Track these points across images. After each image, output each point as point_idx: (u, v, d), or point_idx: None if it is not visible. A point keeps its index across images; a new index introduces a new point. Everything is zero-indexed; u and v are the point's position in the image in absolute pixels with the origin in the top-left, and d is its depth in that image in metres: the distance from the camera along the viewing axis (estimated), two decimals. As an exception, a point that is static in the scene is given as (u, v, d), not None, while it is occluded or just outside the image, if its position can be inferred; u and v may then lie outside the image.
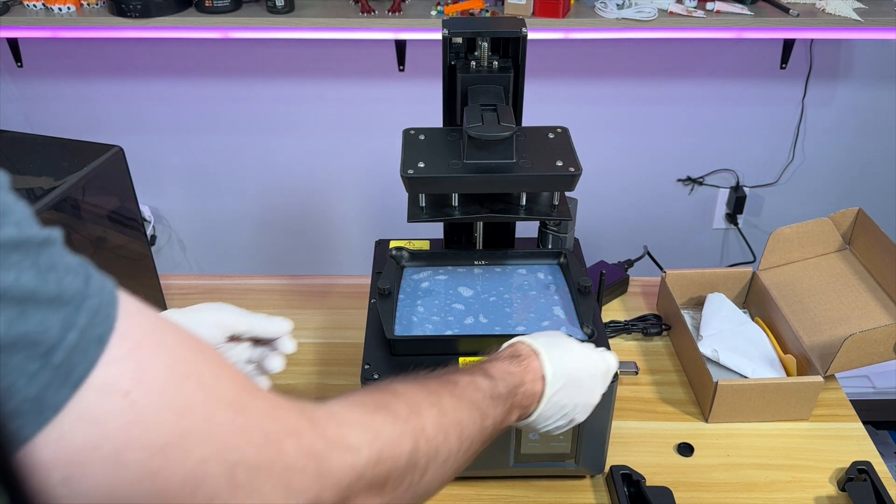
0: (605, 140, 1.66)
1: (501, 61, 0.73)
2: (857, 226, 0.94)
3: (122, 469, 0.27)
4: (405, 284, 0.74)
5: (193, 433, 0.29)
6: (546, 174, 0.67)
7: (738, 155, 1.70)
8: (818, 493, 0.72)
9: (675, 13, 1.38)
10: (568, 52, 1.56)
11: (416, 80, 1.57)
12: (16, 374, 0.24)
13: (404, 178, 0.68)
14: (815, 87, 1.61)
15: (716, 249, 1.84)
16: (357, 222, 1.80)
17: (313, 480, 0.33)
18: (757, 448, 0.77)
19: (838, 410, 0.82)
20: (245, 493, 0.30)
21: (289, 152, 1.70)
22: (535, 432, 0.56)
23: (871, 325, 0.78)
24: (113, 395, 0.26)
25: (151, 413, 0.27)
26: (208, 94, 1.62)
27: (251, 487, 0.30)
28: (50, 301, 0.25)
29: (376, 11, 1.39)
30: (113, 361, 0.27)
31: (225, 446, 0.30)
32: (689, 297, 0.94)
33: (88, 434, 0.26)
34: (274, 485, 0.31)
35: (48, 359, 0.25)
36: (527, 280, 0.75)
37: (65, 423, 0.25)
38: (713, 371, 0.81)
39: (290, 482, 0.32)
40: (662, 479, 0.73)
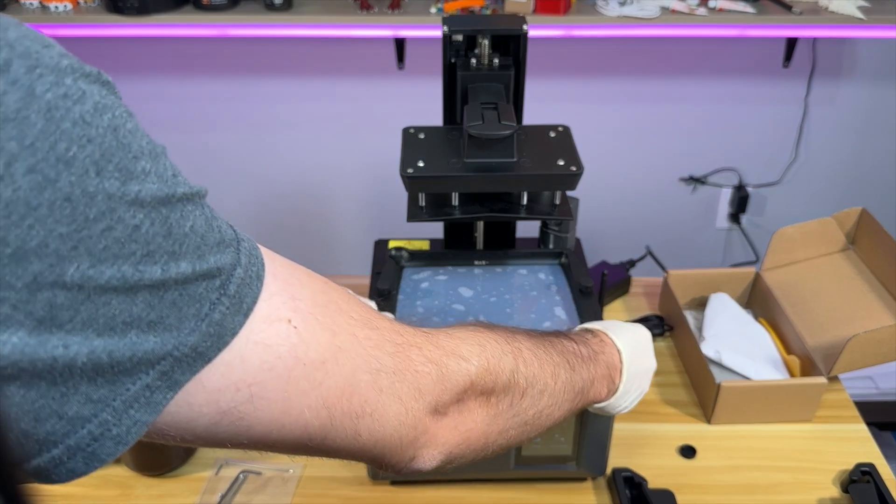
0: (606, 139, 1.65)
1: (502, 59, 0.73)
2: (860, 225, 0.93)
3: (293, 384, 0.31)
4: (405, 285, 0.73)
5: (343, 348, 0.33)
6: (547, 173, 0.67)
7: (740, 154, 1.69)
8: (821, 494, 0.72)
9: (677, 11, 1.37)
10: (569, 50, 1.55)
11: (416, 78, 1.56)
12: (201, 303, 0.28)
13: (404, 178, 0.67)
14: (819, 86, 1.60)
15: (718, 249, 1.84)
16: (356, 221, 1.79)
17: (436, 383, 0.38)
18: (760, 450, 0.77)
19: (842, 412, 0.81)
20: (388, 396, 0.35)
21: (287, 151, 1.69)
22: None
23: (875, 326, 0.77)
24: (277, 323, 0.30)
25: (310, 335, 0.32)
26: (206, 93, 1.61)
27: (392, 391, 0.35)
28: (217, 244, 0.29)
29: (375, 8, 1.38)
30: (272, 295, 0.31)
31: (368, 358, 0.34)
32: (691, 298, 0.93)
33: (264, 356, 0.30)
34: (408, 387, 0.36)
35: (224, 290, 0.28)
36: (528, 280, 0.74)
37: (244, 348, 0.29)
38: (716, 372, 0.80)
39: (419, 385, 0.37)
40: (664, 481, 0.72)
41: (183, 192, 0.27)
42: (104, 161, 0.24)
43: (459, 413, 0.40)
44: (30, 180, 0.22)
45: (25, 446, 0.25)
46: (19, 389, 0.24)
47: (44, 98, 0.22)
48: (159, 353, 0.27)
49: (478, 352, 0.41)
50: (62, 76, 0.23)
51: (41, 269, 0.23)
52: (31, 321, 0.23)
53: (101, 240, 0.24)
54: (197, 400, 0.29)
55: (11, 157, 0.22)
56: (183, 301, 0.27)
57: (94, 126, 0.24)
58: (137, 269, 0.25)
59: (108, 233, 0.24)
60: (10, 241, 0.22)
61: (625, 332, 0.56)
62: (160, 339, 0.26)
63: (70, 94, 0.23)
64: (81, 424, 0.26)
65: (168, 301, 0.26)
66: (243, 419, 0.30)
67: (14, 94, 0.22)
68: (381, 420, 0.35)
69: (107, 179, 0.24)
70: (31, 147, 0.22)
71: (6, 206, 0.22)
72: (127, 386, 0.26)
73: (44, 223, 0.22)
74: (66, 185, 0.23)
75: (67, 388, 0.25)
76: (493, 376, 0.41)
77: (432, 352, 0.38)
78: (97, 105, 0.24)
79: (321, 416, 0.32)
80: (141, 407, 0.27)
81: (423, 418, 0.37)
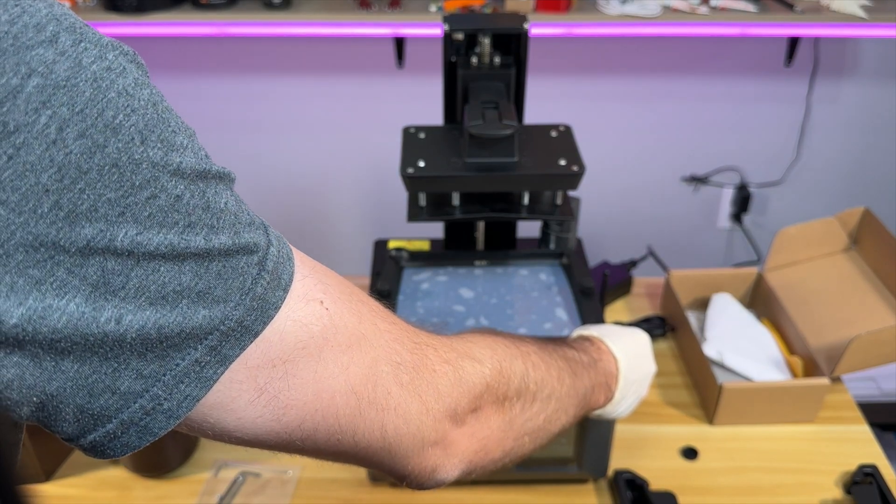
0: (608, 138, 1.65)
1: (503, 58, 0.72)
2: (863, 225, 0.93)
3: (323, 364, 0.31)
4: (405, 286, 0.73)
5: (367, 336, 0.33)
6: (548, 173, 0.66)
7: (742, 153, 1.68)
8: (824, 496, 0.71)
9: (678, 9, 1.37)
10: (570, 49, 1.55)
11: (416, 77, 1.55)
12: (244, 277, 0.28)
13: (404, 177, 0.66)
14: (821, 85, 1.59)
15: (720, 249, 1.83)
16: (356, 221, 1.78)
17: (453, 385, 0.37)
18: (762, 451, 0.76)
19: (844, 413, 0.81)
20: (409, 392, 0.35)
21: (286, 150, 1.68)
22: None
23: (878, 327, 0.77)
24: (312, 302, 0.31)
25: (339, 318, 0.32)
26: (204, 92, 1.61)
27: (412, 387, 0.35)
28: (249, 224, 0.29)
29: (375, 7, 1.38)
30: (306, 276, 0.31)
31: (389, 349, 0.34)
32: (693, 298, 0.93)
33: (299, 334, 0.30)
34: (427, 386, 0.36)
35: (263, 265, 0.29)
36: (528, 281, 0.74)
37: (283, 324, 0.30)
38: (718, 373, 0.80)
39: (438, 385, 0.36)
40: (666, 483, 0.72)
41: (217, 170, 0.28)
42: (147, 131, 0.25)
43: (477, 420, 0.40)
44: (80, 145, 0.23)
45: (81, 421, 0.26)
46: (73, 364, 0.25)
47: (90, 69, 0.23)
48: (207, 327, 0.27)
49: (490, 355, 0.41)
50: (105, 50, 0.24)
51: (93, 234, 0.23)
52: (87, 286, 0.24)
53: (146, 207, 0.25)
54: (238, 376, 0.29)
55: (63, 121, 0.22)
56: (227, 273, 0.27)
57: (136, 98, 0.25)
58: (183, 238, 0.26)
59: (152, 200, 0.25)
60: (63, 204, 0.23)
61: (622, 338, 0.57)
62: (209, 311, 0.27)
63: (113, 68, 0.24)
64: (134, 399, 0.26)
65: (214, 272, 0.27)
66: (279, 398, 0.30)
67: (63, 63, 0.23)
68: (404, 416, 0.35)
69: (150, 148, 0.25)
70: (81, 113, 0.23)
71: (59, 169, 0.22)
72: (177, 361, 0.27)
73: (94, 187, 0.23)
74: (114, 151, 0.24)
75: (119, 362, 0.25)
76: (506, 380, 0.41)
77: (448, 353, 0.38)
78: (137, 80, 0.25)
79: (350, 403, 0.32)
80: (192, 382, 0.27)
81: (444, 421, 0.37)
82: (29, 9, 0.23)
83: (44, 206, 0.22)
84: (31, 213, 0.22)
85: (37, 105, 0.22)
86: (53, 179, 0.22)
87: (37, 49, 0.22)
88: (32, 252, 0.22)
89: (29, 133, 0.22)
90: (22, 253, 0.22)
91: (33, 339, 0.23)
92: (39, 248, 0.22)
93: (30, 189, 0.22)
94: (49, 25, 0.23)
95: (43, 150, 0.22)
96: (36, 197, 0.22)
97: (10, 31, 0.22)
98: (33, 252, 0.22)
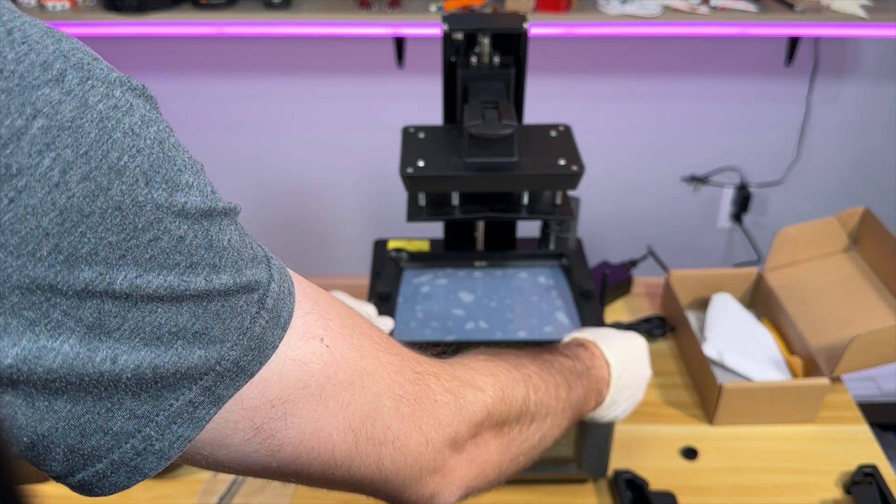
0: (608, 138, 1.65)
1: (503, 57, 0.72)
2: (863, 225, 0.93)
3: (323, 404, 0.31)
4: (405, 288, 0.73)
5: (369, 371, 0.33)
6: (548, 173, 0.66)
7: (742, 153, 1.68)
8: (824, 496, 0.71)
9: (678, 9, 1.37)
10: (570, 49, 1.54)
11: (416, 77, 1.55)
12: (242, 316, 0.28)
13: (404, 177, 0.66)
14: (821, 85, 1.59)
15: (720, 249, 1.83)
16: (355, 221, 1.78)
17: (454, 415, 0.37)
18: (762, 451, 0.76)
19: (844, 413, 0.80)
20: (409, 424, 0.35)
21: (286, 150, 1.68)
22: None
23: (878, 327, 0.77)
24: (312, 340, 0.31)
25: (340, 355, 0.32)
26: (204, 92, 1.61)
27: (412, 419, 0.35)
28: (251, 259, 0.29)
29: (375, 6, 1.38)
30: (307, 313, 0.31)
31: (391, 383, 0.34)
32: (693, 298, 0.93)
33: (299, 374, 0.30)
34: (428, 417, 0.36)
35: (263, 304, 0.29)
36: (528, 284, 0.74)
37: (281, 364, 0.29)
38: (717, 373, 0.80)
39: (438, 415, 0.36)
40: (666, 483, 0.72)
41: (222, 206, 0.28)
42: (152, 172, 0.24)
43: (476, 446, 0.40)
44: (83, 188, 0.22)
45: (70, 461, 0.26)
46: (66, 404, 0.24)
47: (96, 108, 0.23)
48: (202, 367, 0.27)
49: (492, 382, 0.41)
50: (112, 88, 0.24)
51: (92, 277, 0.23)
52: (82, 328, 0.23)
53: (147, 249, 0.24)
54: (234, 416, 0.28)
55: (67, 164, 0.22)
56: (226, 313, 0.27)
57: (142, 137, 0.24)
58: (183, 280, 0.25)
59: (154, 243, 0.24)
60: (63, 247, 0.22)
61: (617, 343, 0.57)
62: (204, 352, 0.27)
63: (120, 106, 0.24)
64: (125, 439, 0.26)
65: (212, 312, 0.27)
66: (275, 437, 0.30)
67: (69, 103, 0.22)
68: (402, 449, 0.35)
69: (155, 190, 0.24)
70: (85, 155, 0.22)
71: (60, 213, 0.22)
72: (170, 402, 0.26)
73: (95, 231, 0.23)
74: (117, 194, 0.23)
75: (112, 402, 0.25)
76: (507, 406, 0.42)
77: (450, 382, 0.38)
78: (144, 118, 0.25)
79: (348, 440, 0.32)
80: (184, 422, 0.27)
81: (443, 450, 0.37)
82: (36, 46, 0.22)
83: (43, 249, 0.22)
84: (29, 256, 0.22)
85: (41, 147, 0.21)
86: (54, 223, 0.22)
87: (43, 89, 0.22)
88: (28, 294, 0.22)
89: (31, 176, 0.21)
90: (18, 295, 0.22)
91: (27, 379, 0.23)
92: (36, 290, 0.22)
93: (30, 232, 0.22)
94: (56, 63, 0.22)
95: (45, 194, 0.22)
96: (35, 240, 0.22)
97: (16, 70, 0.21)
98: (29, 294, 0.22)
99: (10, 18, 0.22)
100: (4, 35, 0.22)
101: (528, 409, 0.43)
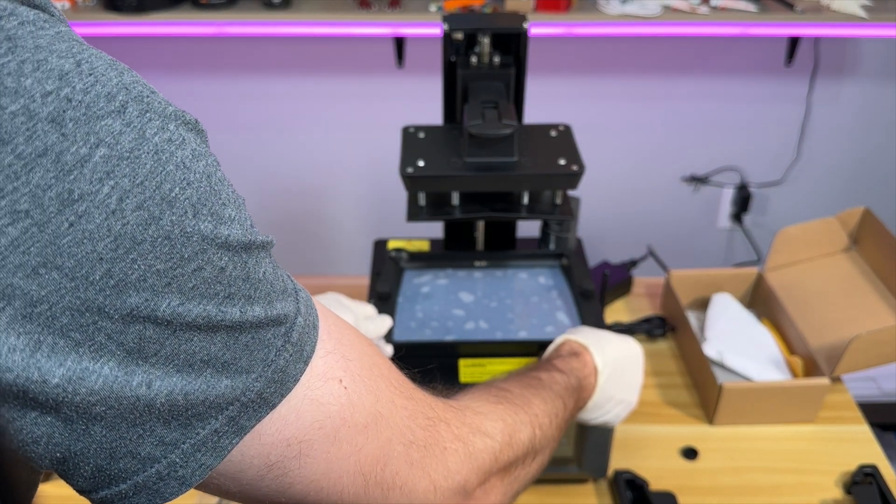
0: (608, 138, 1.65)
1: (502, 57, 0.72)
2: (863, 225, 0.93)
3: (337, 446, 0.31)
4: (405, 288, 0.73)
5: (383, 415, 0.33)
6: (548, 172, 0.66)
7: (742, 153, 1.68)
8: (824, 496, 0.71)
9: (678, 9, 1.37)
10: (570, 48, 1.54)
11: (416, 77, 1.55)
12: (269, 349, 0.28)
13: (404, 177, 0.66)
14: (821, 85, 1.59)
15: (720, 249, 1.83)
16: (355, 221, 1.78)
17: (463, 462, 0.37)
18: (762, 451, 0.76)
19: (844, 413, 0.80)
20: (418, 470, 0.35)
21: (286, 150, 1.68)
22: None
23: (878, 327, 0.77)
24: (331, 381, 0.31)
25: (358, 398, 0.32)
26: (203, 92, 1.61)
27: (422, 465, 0.35)
28: (282, 292, 0.29)
29: (375, 6, 1.38)
30: (328, 353, 0.31)
31: (402, 428, 0.34)
32: (693, 298, 0.93)
33: (316, 414, 0.30)
34: (436, 464, 0.36)
35: (288, 337, 0.29)
36: (528, 284, 0.74)
37: (300, 403, 0.30)
38: (718, 373, 0.80)
39: (447, 463, 0.36)
40: (666, 483, 0.72)
41: (260, 240, 0.29)
42: (200, 204, 0.25)
43: (484, 493, 0.40)
44: (137, 216, 0.23)
45: (97, 479, 0.27)
46: (102, 429, 0.25)
47: (153, 140, 0.24)
48: (229, 396, 0.27)
49: (501, 427, 0.42)
50: (167, 122, 0.25)
51: (138, 303, 0.24)
52: (122, 352, 0.24)
53: (191, 279, 0.25)
54: (250, 451, 0.29)
55: (124, 192, 0.23)
56: (255, 344, 0.28)
57: (192, 171, 0.25)
58: (220, 310, 0.26)
59: (198, 272, 0.25)
60: (114, 273, 0.23)
61: (610, 349, 0.58)
62: (231, 381, 0.27)
63: (174, 139, 0.25)
64: (151, 464, 0.27)
65: (242, 343, 0.27)
66: (287, 475, 0.30)
67: (129, 134, 0.23)
68: (410, 494, 0.35)
69: (202, 222, 0.25)
70: (141, 185, 0.23)
71: (115, 239, 0.23)
72: (198, 430, 0.27)
73: (145, 258, 0.24)
74: (167, 224, 0.24)
75: (144, 429, 0.26)
76: (514, 450, 0.42)
77: (460, 429, 0.39)
78: (195, 152, 0.26)
79: (356, 483, 0.33)
80: (208, 451, 0.28)
81: (452, 497, 0.37)
82: (101, 78, 0.23)
83: (96, 273, 0.23)
84: (83, 279, 0.23)
85: (101, 175, 0.22)
86: (109, 248, 0.23)
87: (106, 119, 0.23)
88: (77, 316, 0.23)
89: (91, 202, 0.22)
90: (68, 316, 0.23)
91: (71, 401, 0.24)
92: (85, 312, 0.23)
93: (85, 256, 0.22)
94: (119, 95, 0.23)
95: (102, 220, 0.23)
96: (90, 264, 0.23)
97: (83, 100, 0.23)
98: (78, 316, 0.23)
99: (79, 51, 0.23)
100: (73, 67, 0.23)
101: (532, 448, 0.44)
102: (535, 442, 0.45)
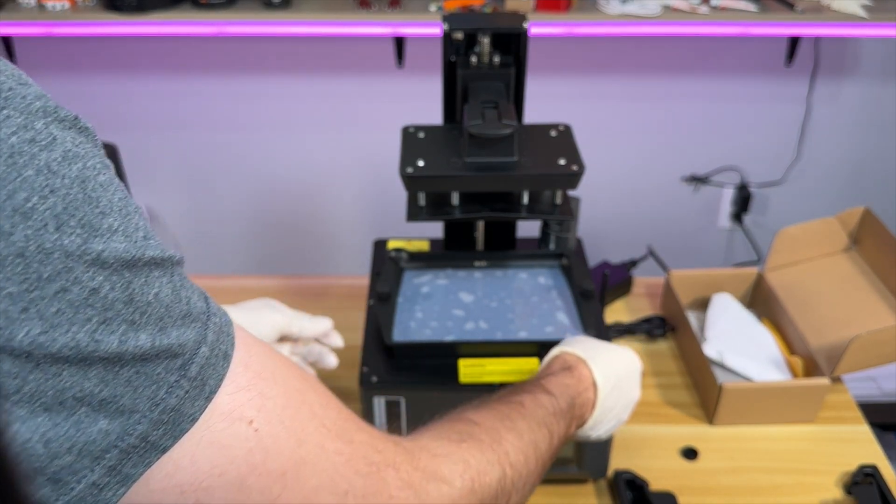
0: (608, 138, 1.65)
1: (502, 57, 0.72)
2: (863, 225, 0.93)
3: (245, 495, 0.27)
4: (405, 288, 0.73)
5: (308, 462, 0.29)
6: (548, 172, 0.66)
7: (743, 153, 1.68)
8: (824, 496, 0.71)
9: (678, 9, 1.37)
10: (570, 48, 1.54)
11: (416, 77, 1.55)
12: (158, 385, 0.25)
13: (403, 177, 0.66)
14: (822, 85, 1.59)
15: (721, 249, 1.83)
16: (355, 221, 1.78)
17: None
18: (762, 451, 0.76)
19: (844, 413, 0.80)
20: None
21: (286, 150, 1.68)
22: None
23: (878, 327, 0.77)
24: (238, 422, 0.27)
25: (272, 441, 0.28)
26: (203, 91, 1.61)
27: None
28: (182, 317, 0.26)
29: (375, 6, 1.38)
30: (240, 389, 0.28)
31: (336, 476, 0.30)
32: (694, 298, 0.93)
33: (216, 459, 0.27)
34: None
35: (185, 371, 0.26)
36: (528, 284, 0.73)
37: (196, 447, 0.26)
38: (718, 373, 0.80)
39: None
40: (666, 483, 0.72)
41: (152, 255, 0.25)
42: (66, 215, 0.22)
43: None
44: None
45: None
46: None
47: (7, 141, 0.21)
48: (102, 444, 0.24)
49: (461, 471, 0.37)
50: (32, 119, 0.21)
51: None
52: None
53: (53, 302, 0.22)
54: (138, 499, 0.26)
55: None
56: (139, 380, 0.24)
57: (59, 176, 0.22)
58: (93, 338, 0.23)
59: (62, 295, 0.22)
60: None
61: (609, 363, 0.55)
62: (108, 424, 0.24)
63: (38, 140, 0.21)
64: None
65: (123, 378, 0.24)
66: None
67: None
68: None
69: (66, 236, 0.22)
70: None
71: None
72: (72, 485, 0.24)
73: None
74: (20, 240, 0.21)
75: None
76: (477, 496, 0.37)
77: (411, 474, 0.34)
78: (67, 153, 0.22)
79: None
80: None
81: None
82: None
83: None
84: None
85: None
86: None
87: None
88: None
89: None
90: None
91: None
92: None
93: None
94: None
95: None
96: None
97: None
98: None
99: None
100: None
101: (503, 490, 0.39)
102: (505, 483, 0.39)
